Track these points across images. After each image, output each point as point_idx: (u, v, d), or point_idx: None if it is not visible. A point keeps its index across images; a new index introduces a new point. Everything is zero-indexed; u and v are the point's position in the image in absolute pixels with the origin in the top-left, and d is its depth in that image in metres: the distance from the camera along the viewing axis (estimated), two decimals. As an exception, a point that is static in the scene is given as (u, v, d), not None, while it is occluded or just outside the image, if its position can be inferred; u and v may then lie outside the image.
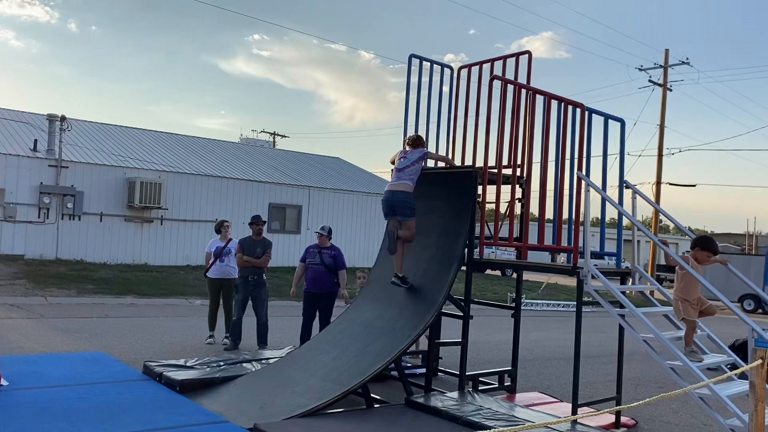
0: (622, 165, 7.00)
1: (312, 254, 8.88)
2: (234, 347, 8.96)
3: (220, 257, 9.49)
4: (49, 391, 5.67)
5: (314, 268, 8.78)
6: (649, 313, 5.91)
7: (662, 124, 28.38)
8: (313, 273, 8.77)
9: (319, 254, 8.81)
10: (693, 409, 7.17)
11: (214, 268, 9.54)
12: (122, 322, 11.25)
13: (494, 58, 7.64)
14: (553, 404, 6.97)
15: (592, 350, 10.68)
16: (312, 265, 8.79)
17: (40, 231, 18.22)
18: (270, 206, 22.22)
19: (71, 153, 19.46)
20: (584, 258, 5.91)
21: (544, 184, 6.62)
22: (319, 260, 8.75)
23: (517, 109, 6.52)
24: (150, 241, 20.01)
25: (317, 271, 8.76)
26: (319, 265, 8.75)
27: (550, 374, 8.94)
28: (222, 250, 9.49)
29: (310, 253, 8.92)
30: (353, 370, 6.06)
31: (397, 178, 6.86)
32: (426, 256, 6.93)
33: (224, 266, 9.50)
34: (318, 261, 8.76)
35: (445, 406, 5.76)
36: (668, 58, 28.73)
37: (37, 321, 10.73)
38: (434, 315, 6.35)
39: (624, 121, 7.01)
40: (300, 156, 29.72)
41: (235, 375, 6.63)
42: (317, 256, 8.80)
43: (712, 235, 60.31)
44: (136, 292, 15.21)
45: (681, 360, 5.27)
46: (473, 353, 8.78)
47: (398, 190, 6.77)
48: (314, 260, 8.80)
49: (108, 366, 6.89)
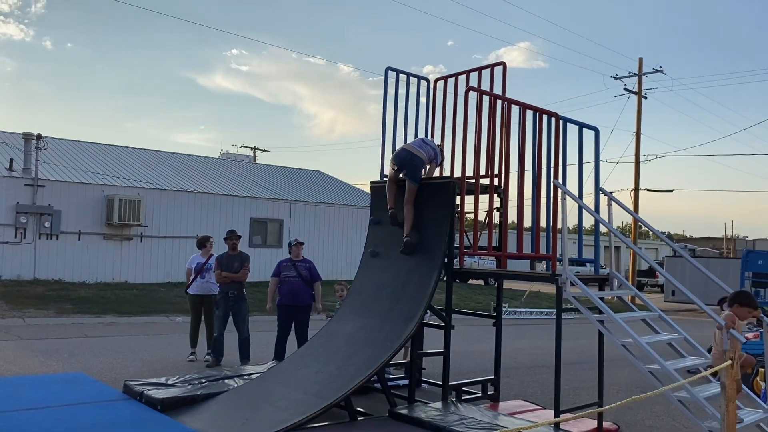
0: (597, 172, 7.10)
1: (286, 267, 8.94)
2: (216, 363, 8.89)
3: (201, 273, 9.43)
4: (27, 414, 5.58)
5: (291, 280, 8.82)
6: (628, 318, 5.98)
7: (638, 132, 28.79)
8: (290, 285, 8.81)
9: (294, 267, 8.88)
10: (674, 413, 7.24)
11: (194, 284, 9.48)
12: (102, 341, 11.11)
13: (470, 70, 7.73)
14: (536, 411, 7.00)
15: (575, 357, 10.74)
16: (288, 278, 8.85)
17: (17, 251, 17.96)
18: (251, 221, 22.14)
19: (48, 171, 19.25)
20: (563, 265, 5.97)
21: (522, 193, 6.69)
22: (296, 272, 8.82)
23: (493, 119, 6.60)
24: (130, 259, 19.81)
25: (294, 283, 8.79)
26: (295, 277, 8.80)
27: (534, 382, 8.98)
28: (203, 266, 9.43)
29: (284, 266, 8.99)
30: (335, 383, 6.05)
31: (419, 146, 7.02)
32: (406, 267, 6.95)
33: (205, 282, 9.43)
34: (294, 273, 8.82)
35: (428, 417, 5.77)
36: (642, 66, 29.20)
37: (15, 342, 10.56)
38: (416, 326, 6.36)
39: (598, 130, 7.11)
40: (280, 170, 29.68)
41: (217, 392, 6.58)
42: (292, 268, 8.87)
43: (691, 240, 60.98)
44: (116, 310, 15.03)
45: (658, 363, 5.33)
46: (456, 363, 8.79)
47: (416, 155, 6.96)
48: (290, 273, 8.86)
49: (87, 386, 6.81)
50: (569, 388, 8.13)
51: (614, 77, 29.82)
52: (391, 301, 6.81)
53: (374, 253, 7.36)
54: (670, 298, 25.30)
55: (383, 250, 7.31)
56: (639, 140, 28.69)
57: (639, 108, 29.04)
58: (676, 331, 6.15)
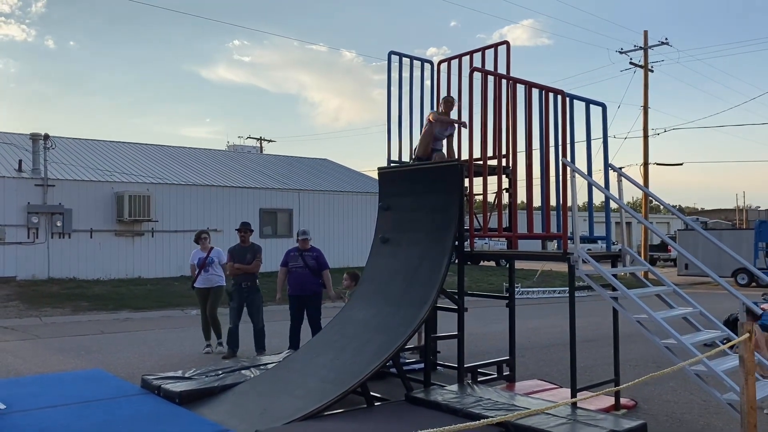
0: (606, 148, 7.04)
1: (293, 257, 9.00)
2: (232, 355, 8.95)
3: (204, 268, 9.49)
4: (47, 412, 5.63)
5: (297, 271, 8.89)
6: (642, 294, 5.95)
7: (646, 105, 28.52)
8: (296, 276, 8.87)
9: (301, 257, 8.94)
10: (692, 387, 7.21)
11: (199, 278, 9.55)
12: (118, 337, 11.21)
13: (473, 51, 7.66)
14: (552, 390, 7.00)
15: (590, 334, 10.74)
16: (295, 269, 8.91)
17: (30, 251, 18.11)
18: (260, 211, 22.17)
19: (57, 171, 19.35)
20: (574, 243, 5.93)
21: (530, 173, 6.64)
22: (302, 263, 8.89)
23: (498, 99, 6.54)
24: (142, 255, 19.92)
25: (301, 273, 8.86)
26: (302, 267, 8.87)
27: (549, 361, 8.97)
28: (204, 260, 9.50)
29: (292, 256, 9.04)
30: (351, 369, 6.07)
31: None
32: (417, 252, 6.94)
33: (209, 275, 9.51)
34: (301, 264, 8.89)
35: (445, 400, 5.78)
36: (647, 39, 28.87)
37: (33, 342, 10.68)
38: (429, 310, 6.36)
39: (605, 105, 7.04)
40: (288, 160, 29.68)
41: (234, 383, 6.62)
42: (299, 258, 8.93)
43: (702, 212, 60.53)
44: (131, 306, 15.15)
45: (674, 338, 5.31)
46: (471, 345, 8.81)
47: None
48: (297, 263, 8.92)
49: (105, 382, 6.86)
50: (585, 365, 8.12)
51: (620, 51, 29.51)
52: (403, 286, 6.81)
53: (384, 239, 7.35)
54: (684, 271, 25.17)
55: (393, 236, 7.30)
56: (647, 114, 28.44)
57: (646, 82, 28.76)
58: (691, 305, 6.11)
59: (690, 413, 6.39)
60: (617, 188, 6.72)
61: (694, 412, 6.44)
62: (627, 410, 6.38)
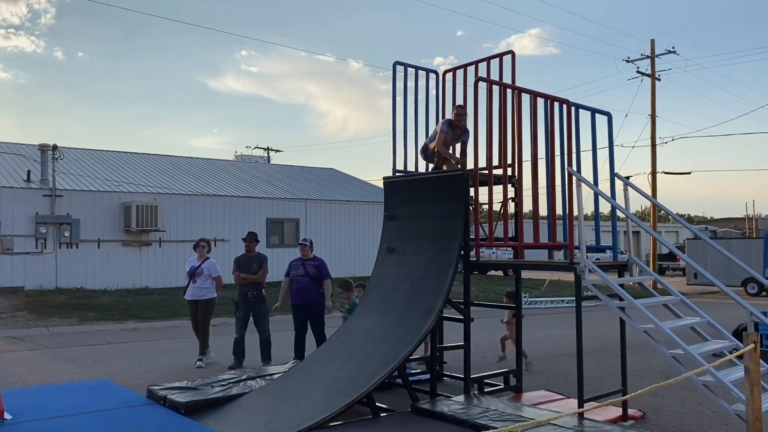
0: (612, 158, 7.01)
1: (295, 267, 9.05)
2: (238, 365, 8.93)
3: (193, 278, 9.33)
4: (53, 422, 5.64)
5: (299, 279, 8.92)
6: (649, 303, 5.91)
7: (653, 114, 28.45)
8: (298, 285, 8.91)
9: (302, 266, 8.97)
10: (701, 398, 7.14)
11: (189, 289, 9.42)
12: (125, 347, 11.22)
13: (478, 60, 7.68)
14: (560, 401, 6.95)
15: (597, 344, 10.66)
16: (297, 277, 8.95)
17: (38, 261, 18.20)
18: (267, 221, 22.21)
19: (65, 181, 19.46)
20: (580, 253, 5.91)
21: (536, 182, 6.63)
22: (303, 272, 8.92)
23: (503, 109, 6.54)
24: (149, 265, 19.98)
25: (302, 282, 8.89)
26: (303, 276, 8.90)
27: (557, 371, 8.91)
28: (195, 270, 9.33)
29: (294, 266, 9.09)
30: (357, 380, 6.05)
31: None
32: (422, 262, 6.92)
33: (196, 288, 9.33)
34: (302, 272, 8.92)
35: (451, 411, 5.75)
36: (654, 48, 28.83)
37: (40, 352, 10.70)
38: (435, 320, 6.34)
39: (611, 114, 7.03)
40: (295, 169, 29.77)
41: (239, 393, 6.61)
42: (300, 267, 8.97)
43: (711, 221, 60.19)
44: (138, 316, 15.17)
45: (682, 348, 5.26)
46: (478, 356, 8.77)
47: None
48: (298, 272, 8.97)
49: (112, 392, 6.87)
50: (592, 376, 8.06)
51: (626, 60, 29.47)
52: (408, 296, 6.79)
53: (390, 248, 7.34)
54: (693, 281, 25.01)
55: (399, 245, 7.29)
56: (654, 123, 28.35)
57: (653, 90, 28.70)
58: (699, 315, 6.07)
59: (699, 424, 6.32)
60: (624, 197, 6.69)
61: (703, 423, 6.38)
62: (635, 421, 6.32)
